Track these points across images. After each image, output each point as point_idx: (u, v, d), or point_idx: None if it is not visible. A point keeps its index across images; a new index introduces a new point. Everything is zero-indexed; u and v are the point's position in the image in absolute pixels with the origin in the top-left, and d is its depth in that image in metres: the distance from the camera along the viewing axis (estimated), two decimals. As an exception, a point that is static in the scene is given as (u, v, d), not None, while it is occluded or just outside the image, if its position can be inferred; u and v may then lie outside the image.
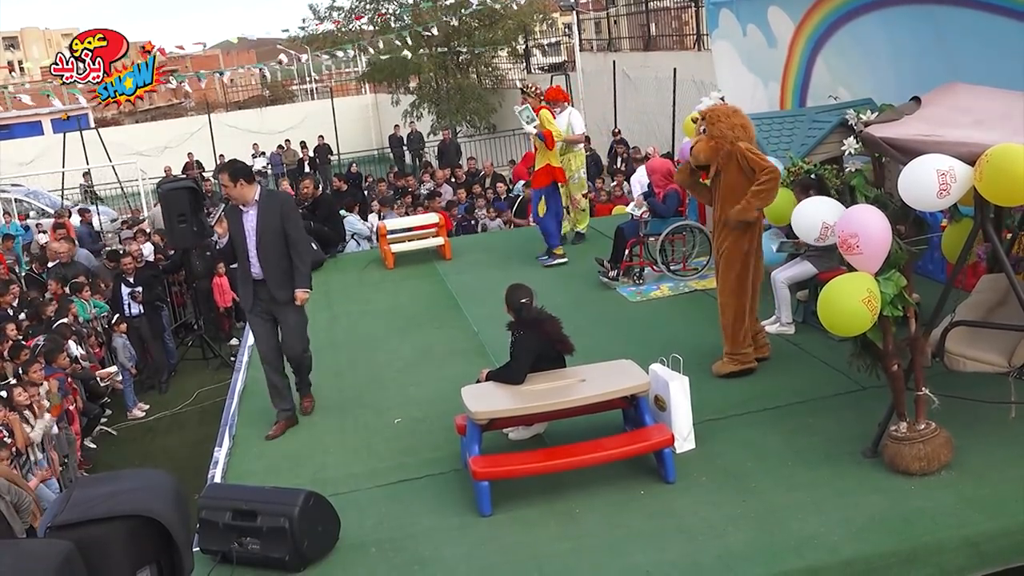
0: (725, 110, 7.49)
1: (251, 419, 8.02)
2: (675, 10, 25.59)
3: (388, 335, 9.89)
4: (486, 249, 13.06)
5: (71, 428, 10.41)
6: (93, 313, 12.98)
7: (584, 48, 28.00)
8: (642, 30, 26.85)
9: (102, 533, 3.98)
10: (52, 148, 30.76)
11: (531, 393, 6.27)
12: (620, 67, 23.79)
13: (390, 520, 6.12)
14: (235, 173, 7.38)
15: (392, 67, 32.10)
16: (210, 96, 62.87)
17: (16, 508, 6.81)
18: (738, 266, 7.47)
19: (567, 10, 27.20)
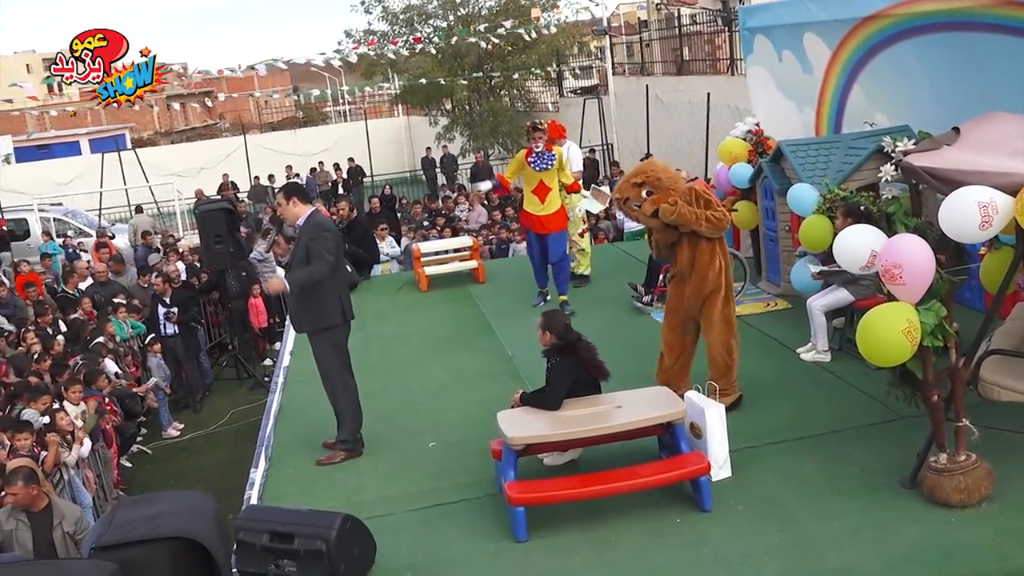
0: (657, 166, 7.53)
1: (287, 440, 8.07)
2: (708, 35, 25.65)
3: (422, 358, 9.93)
4: (519, 273, 13.05)
5: (108, 447, 10.49)
6: (130, 332, 13.11)
7: (616, 72, 28.09)
8: (674, 54, 26.93)
9: (145, 554, 4.03)
10: (90, 168, 31.26)
11: (567, 419, 6.28)
12: (653, 91, 23.82)
13: (425, 544, 6.13)
14: (287, 191, 7.53)
15: (426, 90, 32.34)
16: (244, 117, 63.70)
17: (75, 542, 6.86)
18: (719, 302, 7.42)
19: (600, 34, 27.30)
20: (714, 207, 7.30)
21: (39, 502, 7.03)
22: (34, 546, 6.84)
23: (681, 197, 7.21)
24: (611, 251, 13.09)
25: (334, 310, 7.40)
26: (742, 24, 13.72)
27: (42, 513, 7.01)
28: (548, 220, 10.83)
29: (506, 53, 32.44)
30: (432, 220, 17.61)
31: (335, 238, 7.42)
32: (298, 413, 8.63)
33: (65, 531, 6.97)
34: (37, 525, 6.98)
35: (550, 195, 10.80)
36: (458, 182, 26.07)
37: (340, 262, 7.54)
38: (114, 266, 15.67)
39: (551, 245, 10.87)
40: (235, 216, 13.97)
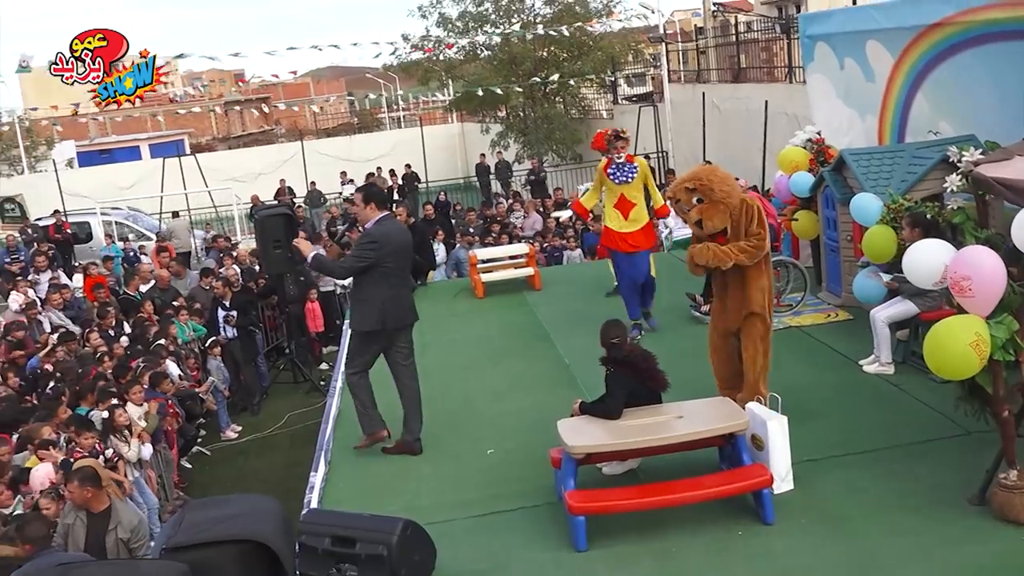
0: (715, 174, 7.26)
1: (346, 445, 8.11)
2: (764, 42, 25.46)
3: (479, 364, 9.97)
4: (574, 280, 13.09)
5: (169, 449, 10.65)
6: (191, 335, 13.31)
7: (672, 79, 27.97)
8: (730, 61, 26.74)
9: (214, 556, 4.08)
10: (151, 173, 31.83)
11: (628, 428, 6.26)
12: (710, 98, 23.67)
13: (484, 551, 6.14)
14: (366, 194, 7.79)
15: (482, 96, 32.48)
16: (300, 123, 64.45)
17: (128, 549, 6.95)
18: (759, 323, 7.32)
19: (656, 41, 27.20)
20: (755, 228, 7.10)
21: (97, 503, 7.11)
22: (86, 546, 6.94)
23: (732, 211, 7.11)
24: (669, 259, 13.00)
25: (371, 317, 7.60)
26: (802, 31, 13.60)
27: (100, 515, 7.10)
28: (633, 238, 10.02)
29: (561, 60, 32.47)
30: (487, 227, 17.65)
31: (378, 250, 7.49)
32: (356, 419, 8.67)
33: (119, 537, 7.05)
34: (93, 525, 7.07)
35: (634, 210, 10.04)
36: (513, 188, 26.11)
37: (391, 274, 7.59)
38: (175, 268, 15.91)
39: (637, 263, 10.09)
40: (294, 221, 14.11)
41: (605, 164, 10.20)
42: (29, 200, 23.68)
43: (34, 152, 40.37)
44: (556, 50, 32.51)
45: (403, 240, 7.77)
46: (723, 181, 7.16)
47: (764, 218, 7.26)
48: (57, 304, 14.72)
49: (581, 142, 31.18)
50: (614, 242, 10.16)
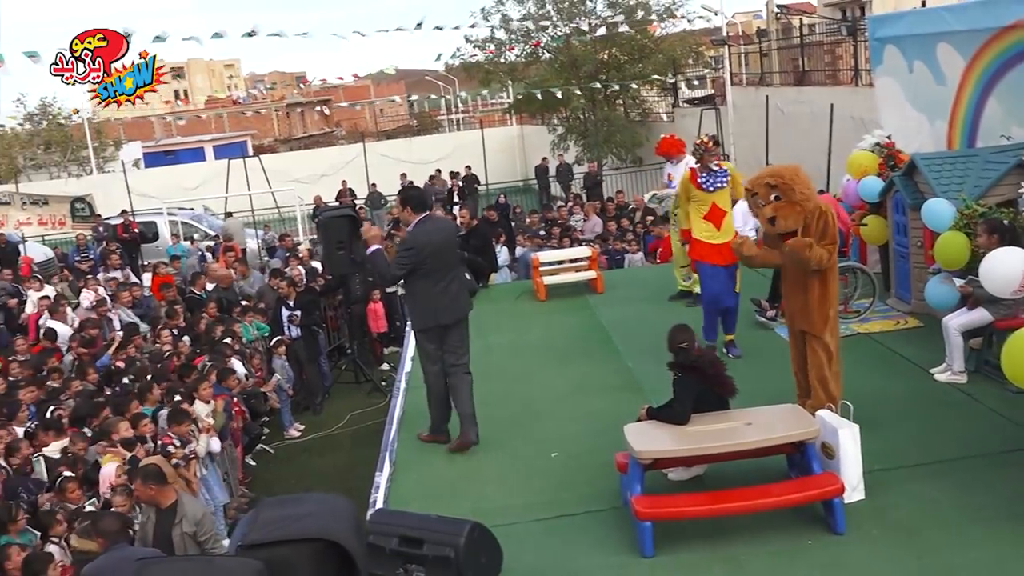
0: (798, 176, 7.13)
1: (410, 445, 8.17)
2: (829, 44, 25.12)
3: (541, 367, 9.95)
4: (637, 284, 13.03)
5: (234, 447, 10.79)
6: (255, 334, 13.47)
7: (733, 82, 27.72)
8: (793, 64, 26.41)
9: (288, 554, 4.08)
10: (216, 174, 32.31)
11: (696, 434, 6.21)
12: (773, 101, 23.42)
13: (550, 555, 6.14)
14: (403, 197, 8.19)
15: (542, 99, 32.48)
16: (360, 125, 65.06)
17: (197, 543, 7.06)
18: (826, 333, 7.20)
19: (718, 44, 26.97)
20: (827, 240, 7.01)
21: (164, 499, 7.23)
22: (155, 542, 7.05)
23: (807, 214, 7.02)
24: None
25: (421, 315, 7.91)
26: (871, 34, 13.41)
27: (167, 510, 7.22)
28: (728, 249, 9.06)
29: (622, 62, 32.34)
30: (548, 229, 17.65)
31: (416, 256, 7.70)
32: (421, 419, 8.68)
33: (184, 531, 7.16)
34: (160, 520, 7.19)
35: (727, 219, 9.51)
36: (573, 191, 26.06)
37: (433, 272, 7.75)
38: (239, 268, 16.13)
39: (728, 280, 9.48)
40: (357, 223, 14.20)
41: (692, 174, 9.66)
42: (98, 200, 24.16)
43: (102, 153, 41.21)
44: (617, 53, 32.36)
45: (443, 238, 7.89)
46: (805, 184, 7.08)
47: (835, 231, 7.14)
48: (126, 302, 15.00)
49: (641, 145, 31.04)
50: (706, 254, 9.49)
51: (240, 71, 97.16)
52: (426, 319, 7.85)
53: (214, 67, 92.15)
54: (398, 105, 74.31)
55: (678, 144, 11.99)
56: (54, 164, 41.86)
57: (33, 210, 23.14)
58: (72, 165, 41.04)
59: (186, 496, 7.56)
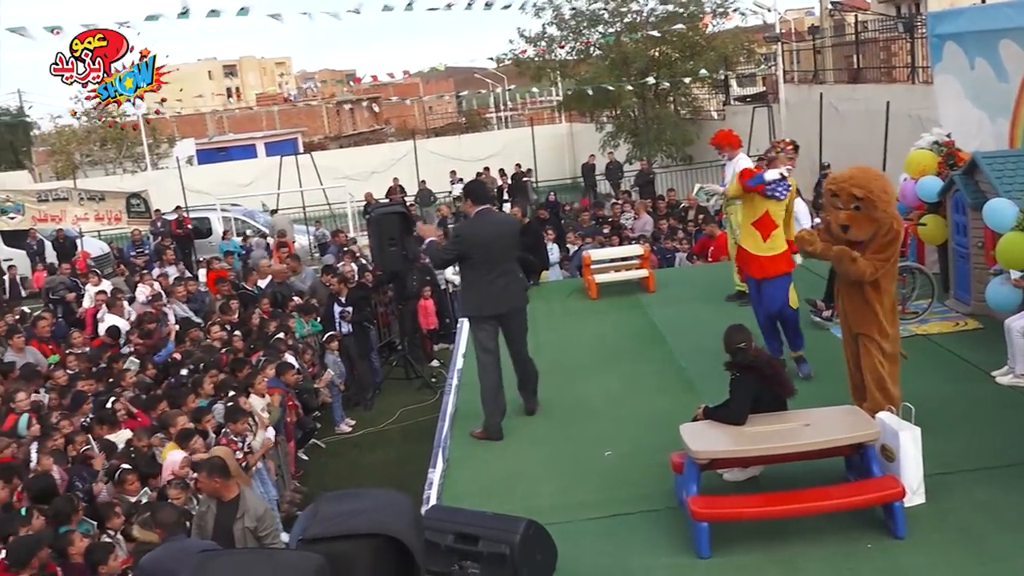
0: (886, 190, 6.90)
1: (463, 442, 8.18)
2: (884, 41, 24.78)
3: (594, 366, 9.92)
4: (689, 283, 12.95)
5: (287, 441, 10.90)
6: (308, 330, 13.59)
7: (785, 79, 27.44)
8: (847, 61, 26.09)
9: (348, 549, 4.10)
10: (267, 170, 32.63)
11: (754, 435, 6.15)
12: (827, 99, 23.15)
13: (604, 554, 6.11)
14: (465, 190, 8.68)
15: (593, 96, 32.37)
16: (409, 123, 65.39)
17: (256, 538, 7.15)
18: (876, 335, 7.06)
19: (771, 40, 26.71)
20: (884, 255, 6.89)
21: (227, 492, 7.32)
22: (215, 534, 7.14)
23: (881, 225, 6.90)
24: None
25: (471, 303, 8.30)
26: (930, 30, 13.19)
27: (229, 503, 7.31)
28: (770, 263, 8.73)
29: (673, 59, 32.15)
30: (599, 227, 17.60)
31: (461, 245, 8.10)
32: (473, 416, 8.70)
33: (246, 526, 7.25)
34: (221, 514, 7.28)
35: (776, 232, 8.75)
36: (623, 189, 25.94)
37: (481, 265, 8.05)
38: (291, 264, 16.29)
39: (767, 291, 8.76)
40: (409, 220, 14.29)
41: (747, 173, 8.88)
42: (152, 196, 24.47)
43: (156, 150, 41.80)
44: (668, 50, 32.17)
45: (494, 233, 8.09)
46: (888, 201, 6.89)
47: (896, 249, 7.02)
48: (181, 297, 15.19)
49: (692, 143, 30.85)
50: (746, 265, 8.95)
51: (291, 68, 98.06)
52: (471, 307, 8.33)
53: (265, 64, 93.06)
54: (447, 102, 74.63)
55: (735, 138, 11.76)
56: (109, 161, 42.53)
57: (90, 206, 23.45)
58: (127, 162, 41.67)
59: (248, 491, 7.66)
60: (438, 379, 14.44)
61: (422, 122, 66.17)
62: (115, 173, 39.22)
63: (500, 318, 8.15)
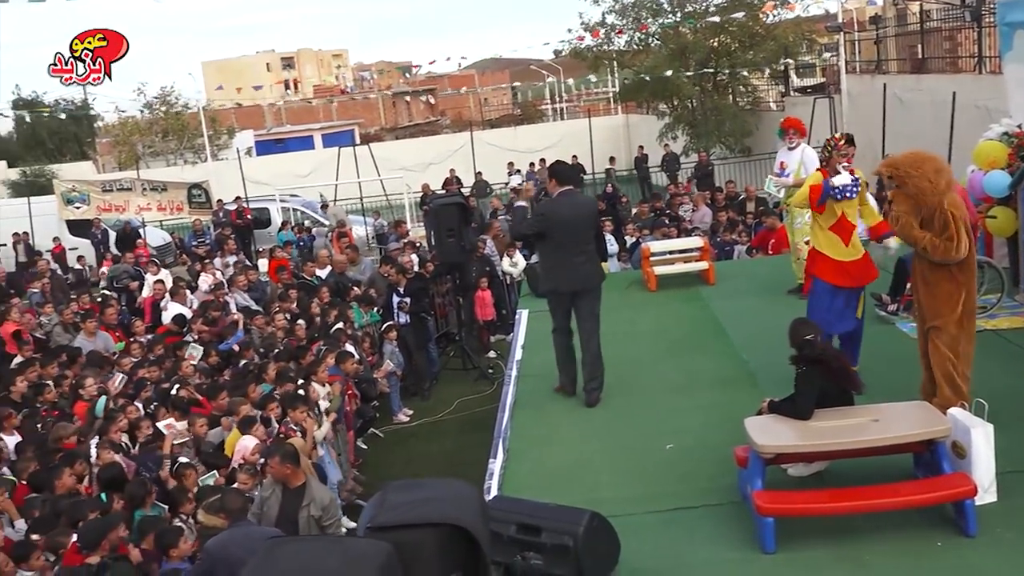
0: (913, 165, 6.86)
1: (523, 433, 8.18)
2: (948, 30, 24.28)
3: (654, 358, 9.86)
4: (749, 276, 12.80)
5: (347, 429, 10.98)
6: (366, 320, 13.69)
7: (847, 70, 26.99)
8: (910, 51, 25.59)
9: (416, 538, 4.13)
10: (325, 162, 32.92)
11: (821, 430, 6.06)
12: (891, 90, 22.73)
13: (667, 548, 6.08)
14: (550, 170, 8.99)
15: (651, 86, 32.12)
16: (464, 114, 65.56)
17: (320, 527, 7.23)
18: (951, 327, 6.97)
19: (834, 30, 26.29)
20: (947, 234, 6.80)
21: (295, 479, 7.40)
22: (278, 520, 7.21)
23: (922, 208, 6.84)
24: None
25: (550, 280, 8.76)
26: (1000, 19, 12.84)
27: (295, 491, 7.39)
28: (857, 269, 8.17)
29: (732, 50, 31.80)
30: (658, 219, 17.48)
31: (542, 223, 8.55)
32: (533, 407, 8.74)
33: (311, 514, 7.32)
34: (287, 501, 7.36)
35: (855, 234, 8.26)
36: (680, 181, 25.75)
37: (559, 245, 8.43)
38: (350, 254, 16.41)
39: (848, 302, 8.18)
40: (467, 211, 14.33)
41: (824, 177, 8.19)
42: (213, 186, 24.82)
43: (216, 141, 42.36)
44: (727, 40, 31.82)
45: (572, 214, 8.43)
46: (922, 176, 6.85)
47: (956, 227, 6.89)
48: (242, 286, 15.38)
49: (751, 135, 30.51)
50: (832, 275, 8.15)
51: (348, 60, 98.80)
52: (549, 283, 8.74)
53: (323, 57, 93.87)
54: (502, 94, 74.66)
55: (803, 126, 11.61)
56: (171, 151, 43.22)
57: (152, 196, 23.83)
58: (188, 152, 42.31)
59: (314, 480, 7.73)
60: (495, 370, 14.48)
61: (477, 114, 66.27)
62: (176, 164, 39.85)
63: (575, 295, 8.54)
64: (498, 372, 14.21)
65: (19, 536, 7.19)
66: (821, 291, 8.21)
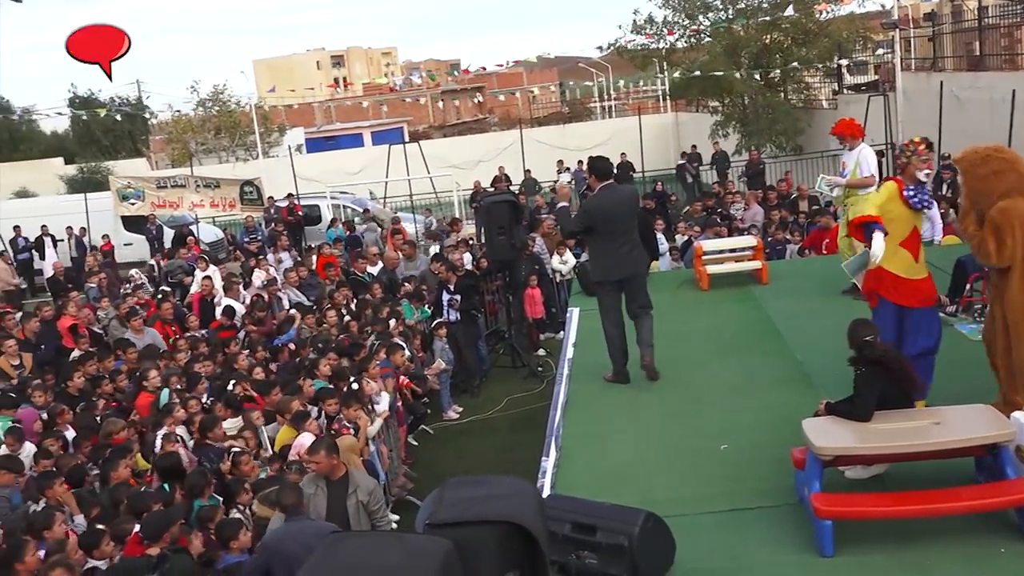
0: (971, 163, 6.81)
1: (576, 431, 8.16)
2: (1006, 27, 23.86)
3: (706, 358, 9.78)
4: (803, 275, 12.65)
5: (398, 425, 11.03)
6: (417, 316, 13.74)
7: (903, 67, 26.61)
8: (967, 48, 25.18)
9: (476, 535, 4.15)
10: (375, 159, 33.10)
11: (880, 432, 5.98)
12: (948, 88, 22.37)
13: (723, 549, 6.03)
14: (589, 166, 9.25)
15: (701, 84, 31.87)
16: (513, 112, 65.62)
17: (368, 512, 7.29)
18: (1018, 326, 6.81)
19: (889, 27, 25.93)
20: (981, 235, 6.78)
21: (338, 471, 7.47)
22: (328, 513, 7.27)
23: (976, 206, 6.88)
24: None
25: (599, 269, 9.17)
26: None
27: (338, 481, 7.46)
28: (928, 287, 7.61)
29: (785, 47, 31.46)
30: (710, 218, 17.36)
31: (586, 219, 8.95)
32: (585, 406, 8.72)
33: (359, 500, 7.39)
34: (333, 493, 7.42)
35: (922, 248, 7.70)
36: (729, 179, 25.53)
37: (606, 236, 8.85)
38: (407, 250, 16.50)
39: (926, 320, 7.54)
40: (518, 208, 14.33)
41: (899, 186, 7.53)
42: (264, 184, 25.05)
43: (267, 138, 42.81)
44: (780, 37, 31.49)
45: (614, 206, 8.85)
46: (976, 177, 6.93)
47: (994, 235, 6.77)
48: (293, 282, 15.51)
49: (803, 133, 30.17)
50: (900, 294, 7.47)
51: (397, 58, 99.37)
52: (599, 273, 9.13)
53: (372, 55, 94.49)
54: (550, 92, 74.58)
55: (857, 127, 11.34)
56: (223, 149, 43.74)
57: (206, 193, 24.09)
58: (239, 150, 42.78)
59: (353, 468, 7.79)
60: (544, 368, 14.47)
61: (526, 111, 66.31)
62: (228, 161, 40.30)
63: (623, 282, 8.98)
64: (547, 370, 14.20)
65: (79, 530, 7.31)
66: (887, 312, 7.51)
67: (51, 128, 53.09)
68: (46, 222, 24.96)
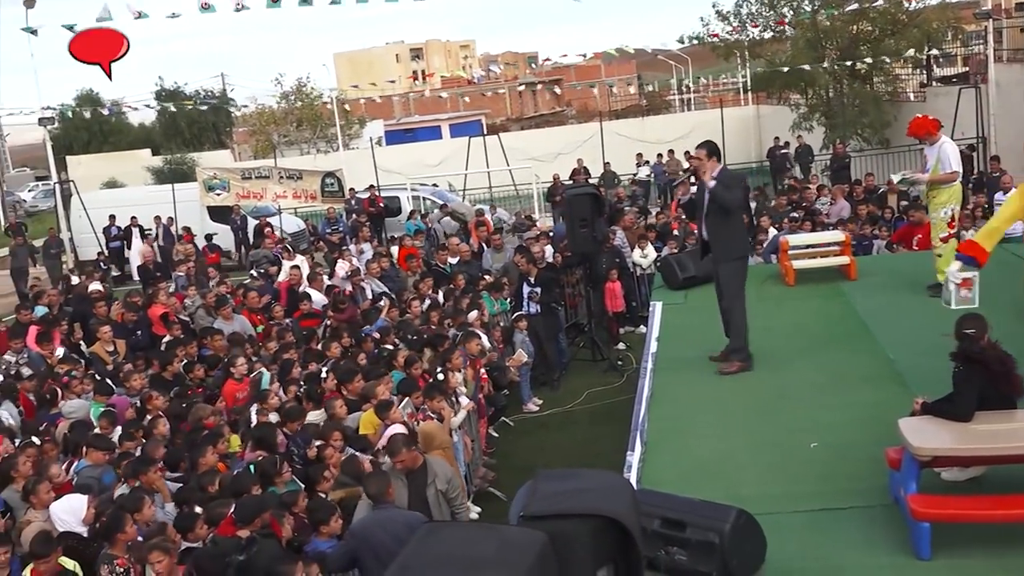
0: None
1: (660, 426, 8.08)
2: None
3: (793, 354, 9.60)
4: (892, 271, 12.36)
5: (479, 417, 11.07)
6: (498, 308, 13.76)
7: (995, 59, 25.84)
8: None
9: (570, 528, 4.13)
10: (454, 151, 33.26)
11: (980, 433, 5.80)
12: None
13: (814, 549, 5.92)
14: (707, 149, 9.11)
15: (785, 77, 31.32)
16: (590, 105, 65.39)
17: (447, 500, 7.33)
18: None
19: (982, 17, 25.20)
20: None
21: (416, 462, 7.53)
22: (409, 502, 7.32)
23: None
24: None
25: (739, 245, 9.25)
26: None
27: (417, 471, 7.52)
28: None
29: (873, 37, 30.73)
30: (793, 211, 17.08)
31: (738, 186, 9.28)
32: (670, 400, 8.63)
33: (438, 488, 7.43)
34: (413, 483, 7.48)
35: None
36: (813, 173, 25.09)
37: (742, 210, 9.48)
38: (496, 240, 16.55)
39: None
40: (600, 201, 14.25)
41: None
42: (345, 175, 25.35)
43: (348, 131, 43.29)
44: (868, 27, 30.77)
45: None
46: None
47: None
48: (375, 273, 15.65)
49: (889, 126, 29.47)
50: None
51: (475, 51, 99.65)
52: (740, 248, 9.24)
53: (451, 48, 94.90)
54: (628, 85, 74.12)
55: (932, 124, 11.03)
56: (304, 141, 44.37)
57: (288, 184, 24.42)
58: (320, 142, 43.35)
59: (429, 457, 7.84)
60: (624, 362, 14.38)
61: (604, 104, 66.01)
62: (309, 153, 40.86)
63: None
64: (627, 364, 14.11)
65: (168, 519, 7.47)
66: None
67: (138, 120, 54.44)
68: (135, 212, 25.59)
